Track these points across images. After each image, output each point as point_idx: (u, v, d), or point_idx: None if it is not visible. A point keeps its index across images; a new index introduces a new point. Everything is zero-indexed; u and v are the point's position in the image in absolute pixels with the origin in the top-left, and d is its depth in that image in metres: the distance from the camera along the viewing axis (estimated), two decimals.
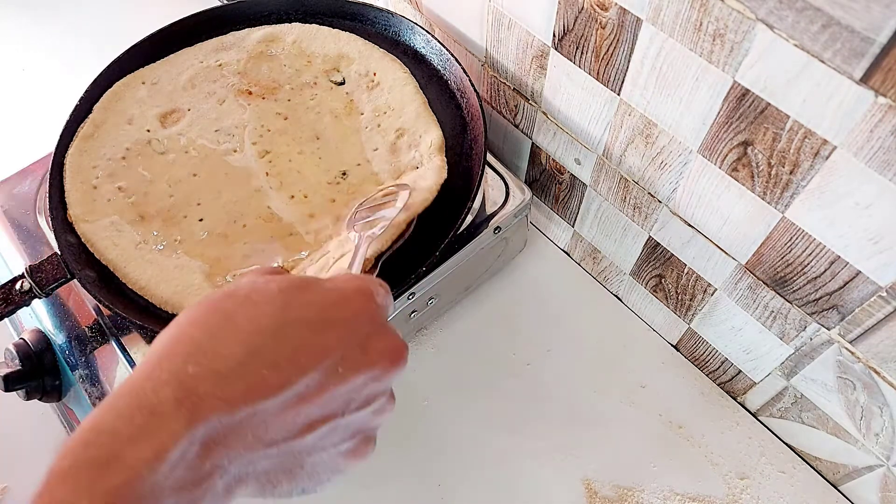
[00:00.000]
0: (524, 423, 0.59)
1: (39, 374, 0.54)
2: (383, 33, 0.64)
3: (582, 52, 0.49)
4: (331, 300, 0.31)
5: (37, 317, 0.57)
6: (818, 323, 0.46)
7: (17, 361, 0.53)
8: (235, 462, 0.28)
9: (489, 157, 0.62)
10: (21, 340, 0.55)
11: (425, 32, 0.61)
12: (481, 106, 0.56)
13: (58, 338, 0.55)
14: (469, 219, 0.58)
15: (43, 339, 0.55)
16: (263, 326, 0.29)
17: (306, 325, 0.30)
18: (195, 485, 0.26)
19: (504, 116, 0.64)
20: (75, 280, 0.50)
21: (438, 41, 0.60)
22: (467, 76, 0.57)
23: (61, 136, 0.56)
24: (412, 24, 0.61)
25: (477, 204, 0.60)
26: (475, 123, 0.56)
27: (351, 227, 0.48)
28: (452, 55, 0.59)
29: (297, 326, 0.30)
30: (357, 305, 0.32)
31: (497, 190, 0.60)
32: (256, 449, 0.28)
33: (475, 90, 0.56)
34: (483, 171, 0.53)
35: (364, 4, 0.64)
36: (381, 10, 0.63)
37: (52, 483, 0.25)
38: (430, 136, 0.56)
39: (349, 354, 0.30)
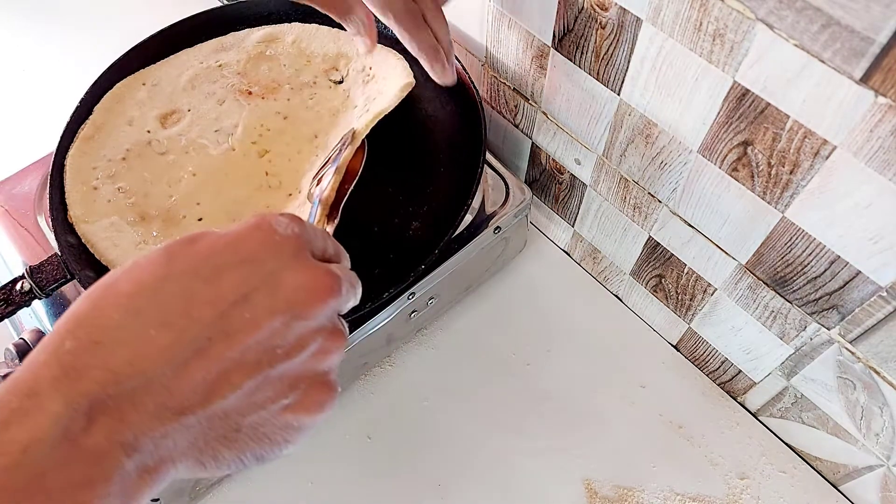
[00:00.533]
0: (524, 423, 0.59)
1: None
2: (383, 31, 0.63)
3: (582, 52, 0.49)
4: (221, 245, 0.28)
5: (37, 317, 0.57)
6: (818, 323, 0.46)
7: (16, 361, 0.53)
8: (145, 438, 0.25)
9: (489, 157, 0.62)
10: (21, 340, 0.55)
11: None
12: (480, 105, 0.56)
13: None
14: (469, 219, 0.58)
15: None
16: (145, 285, 0.26)
17: (195, 275, 0.27)
18: (90, 464, 0.24)
19: (504, 116, 0.64)
20: (75, 280, 0.50)
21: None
22: (466, 74, 0.57)
23: (62, 137, 0.56)
24: None
25: (477, 204, 0.60)
26: (474, 122, 0.56)
27: (313, 191, 0.48)
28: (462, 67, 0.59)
29: (185, 278, 0.27)
30: (253, 243, 0.28)
31: (497, 190, 0.61)
32: (167, 420, 0.25)
33: (474, 89, 0.56)
34: (482, 170, 0.53)
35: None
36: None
37: None
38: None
39: (254, 297, 0.27)
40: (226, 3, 0.67)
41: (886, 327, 0.42)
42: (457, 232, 0.57)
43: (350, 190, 0.48)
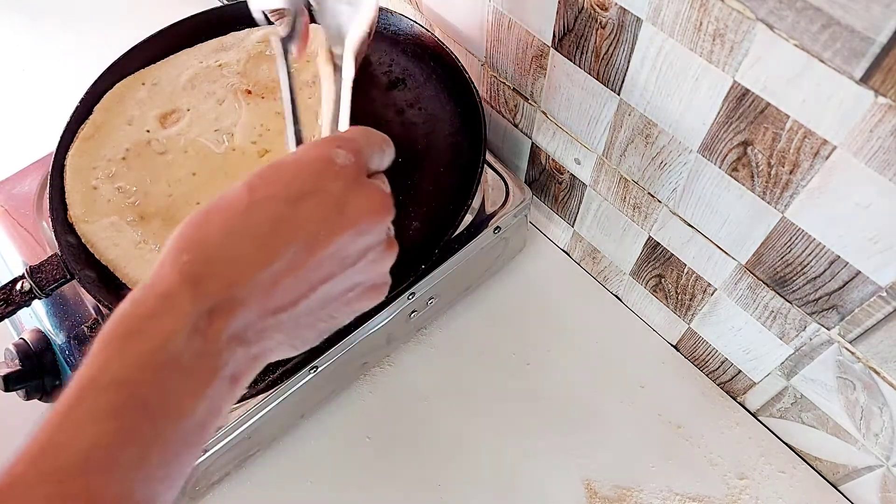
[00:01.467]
0: (524, 423, 0.59)
1: (39, 374, 0.54)
2: (382, 31, 0.63)
3: (582, 52, 0.49)
4: (292, 174, 0.33)
5: (37, 317, 0.57)
6: (818, 323, 0.46)
7: (17, 361, 0.53)
8: (251, 332, 0.31)
9: (489, 157, 0.62)
10: (21, 340, 0.55)
11: (424, 30, 0.61)
12: (480, 105, 0.56)
13: (58, 338, 0.55)
14: (469, 219, 0.58)
15: (43, 339, 0.55)
16: (236, 212, 0.32)
17: (276, 201, 0.32)
18: (215, 354, 0.30)
19: (504, 116, 0.64)
20: (75, 280, 0.50)
21: (437, 39, 0.60)
22: (466, 74, 0.57)
23: (62, 137, 0.56)
24: (411, 22, 0.61)
25: (476, 204, 0.60)
26: (473, 122, 0.56)
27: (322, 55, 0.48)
28: (451, 53, 0.59)
29: (268, 204, 0.32)
30: (318, 172, 0.33)
31: (497, 190, 0.61)
32: (267, 317, 0.31)
33: (474, 89, 0.56)
34: (482, 169, 0.53)
35: None
36: (381, 8, 0.63)
37: (90, 354, 0.29)
38: None
39: (327, 218, 0.32)
40: (226, 2, 0.67)
41: (886, 327, 0.42)
42: (457, 232, 0.57)
43: (368, 41, 0.47)
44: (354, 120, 0.43)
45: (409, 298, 0.56)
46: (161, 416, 0.28)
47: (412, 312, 0.58)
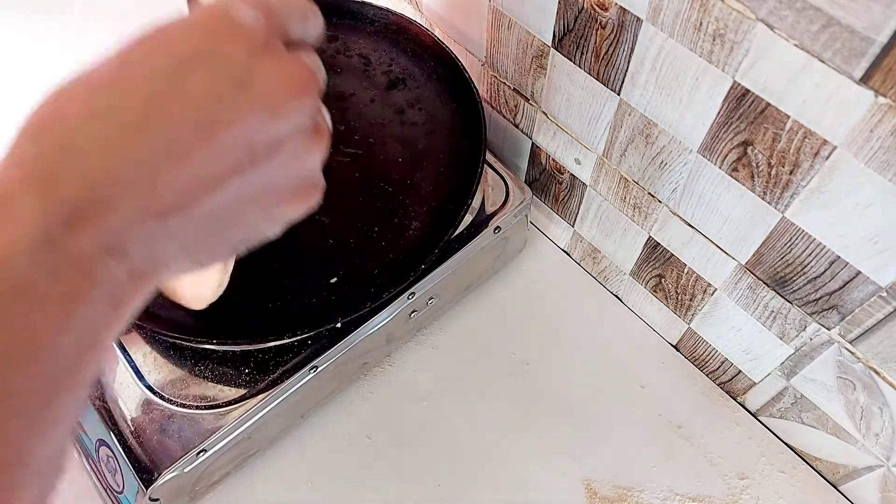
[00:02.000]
0: (524, 423, 0.59)
1: None
2: (382, 31, 0.64)
3: (582, 52, 0.49)
4: (178, 37, 0.25)
5: None
6: (818, 323, 0.46)
7: None
8: (131, 243, 0.24)
9: (489, 157, 0.62)
10: None
11: (424, 30, 0.61)
12: (480, 105, 0.56)
13: None
14: (469, 218, 0.58)
15: None
16: (103, 86, 0.24)
17: (157, 72, 0.24)
18: (75, 269, 0.23)
19: (504, 116, 0.64)
20: None
21: (437, 39, 0.60)
22: (466, 74, 0.57)
23: None
24: (410, 21, 0.61)
25: (477, 203, 0.60)
26: (473, 122, 0.56)
27: None
28: (452, 53, 0.59)
29: (147, 75, 0.24)
30: (214, 35, 0.26)
31: (497, 190, 0.60)
32: (151, 223, 0.24)
33: (474, 89, 0.56)
34: (482, 169, 0.53)
35: (363, 3, 0.63)
36: (379, 8, 0.63)
37: None
38: None
39: (224, 94, 0.25)
40: None
41: (886, 327, 0.42)
42: (457, 232, 0.57)
43: None
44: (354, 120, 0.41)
45: (409, 298, 0.56)
46: (6, 360, 0.22)
47: (412, 312, 0.58)
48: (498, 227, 0.59)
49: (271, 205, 0.28)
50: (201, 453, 0.49)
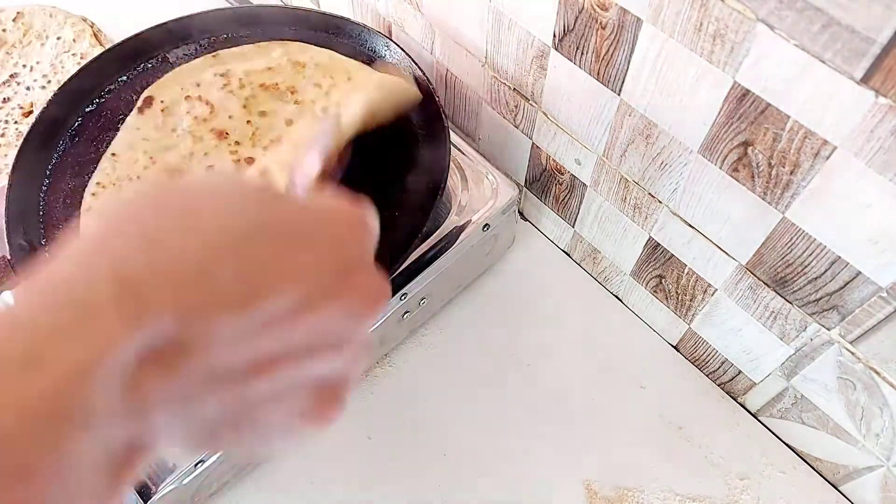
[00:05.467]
0: (524, 423, 0.59)
1: None
2: (356, 45, 0.63)
3: (582, 53, 0.49)
4: (314, 215, 0.26)
5: None
6: (818, 323, 0.46)
7: None
8: (178, 398, 0.22)
9: (474, 154, 0.62)
10: None
11: (383, 37, 0.61)
12: (443, 109, 0.55)
13: None
14: (456, 217, 0.58)
15: None
16: (233, 228, 0.23)
17: (283, 238, 0.24)
18: (130, 419, 0.21)
19: (504, 117, 0.64)
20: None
21: (396, 44, 0.60)
22: (427, 78, 0.57)
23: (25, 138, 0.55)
24: (370, 30, 0.61)
25: (464, 201, 0.59)
26: (434, 117, 0.56)
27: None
28: (414, 61, 0.59)
29: (273, 237, 0.24)
30: (345, 227, 0.26)
31: (485, 187, 0.60)
32: (201, 383, 0.22)
33: (432, 91, 0.56)
34: (447, 171, 0.53)
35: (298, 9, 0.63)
36: (321, 13, 0.63)
37: None
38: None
39: (327, 282, 0.24)
40: (235, 4, 0.66)
41: (887, 328, 0.42)
42: (446, 231, 0.57)
43: (337, 178, 0.46)
44: None
45: (401, 299, 0.56)
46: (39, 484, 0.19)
47: (405, 313, 0.58)
48: (486, 224, 0.59)
49: (298, 414, 0.26)
50: (199, 464, 0.49)
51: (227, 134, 0.57)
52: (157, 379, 0.21)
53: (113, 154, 0.57)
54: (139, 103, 0.58)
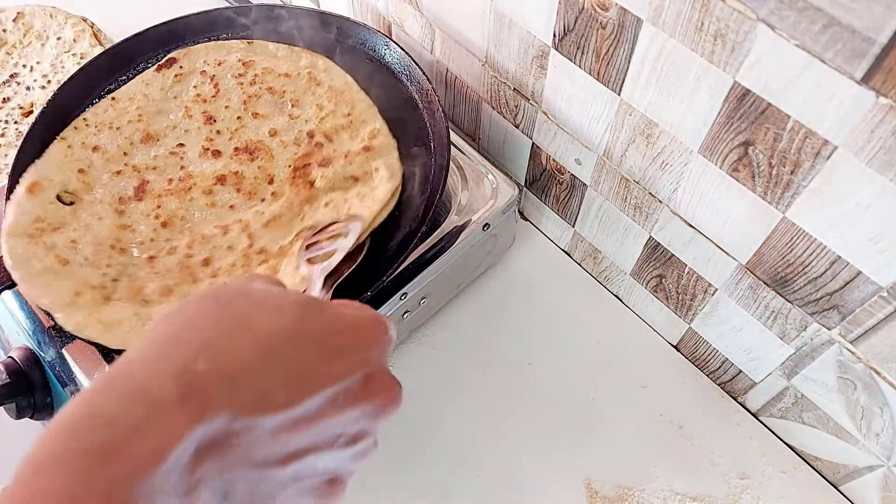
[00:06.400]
0: (524, 423, 0.59)
1: (29, 390, 0.53)
2: (352, 45, 0.63)
3: (582, 53, 0.49)
4: (346, 324, 0.30)
5: (25, 334, 0.56)
6: (819, 323, 0.46)
7: (4, 376, 0.53)
8: (220, 478, 0.26)
9: (474, 154, 0.62)
10: (9, 359, 0.54)
11: (384, 36, 0.61)
12: (443, 109, 0.55)
13: (47, 354, 0.54)
14: (456, 217, 0.58)
15: (31, 357, 0.54)
16: (281, 334, 0.28)
17: (321, 345, 0.28)
18: (183, 495, 0.24)
19: (504, 117, 0.64)
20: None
21: (397, 44, 0.60)
22: (426, 78, 0.57)
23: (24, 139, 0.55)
24: (372, 30, 0.61)
25: (464, 201, 0.59)
26: (435, 119, 0.56)
27: (302, 259, 0.48)
28: (414, 60, 0.59)
29: (313, 344, 0.28)
30: (371, 336, 0.31)
31: (485, 187, 0.60)
32: (241, 468, 0.26)
33: (433, 88, 0.56)
34: (447, 171, 0.53)
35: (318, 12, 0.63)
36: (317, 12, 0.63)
37: (39, 469, 0.22)
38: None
39: (353, 385, 0.29)
40: (234, 3, 0.66)
41: (887, 327, 0.42)
42: (446, 230, 0.57)
43: (347, 274, 0.47)
44: None
45: (401, 299, 0.56)
46: None
47: (405, 313, 0.58)
48: (487, 223, 0.59)
49: (310, 492, 0.30)
50: None
51: (213, 121, 0.58)
52: (208, 464, 0.25)
53: (113, 98, 0.58)
54: (162, 61, 0.59)
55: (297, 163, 0.56)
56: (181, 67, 0.59)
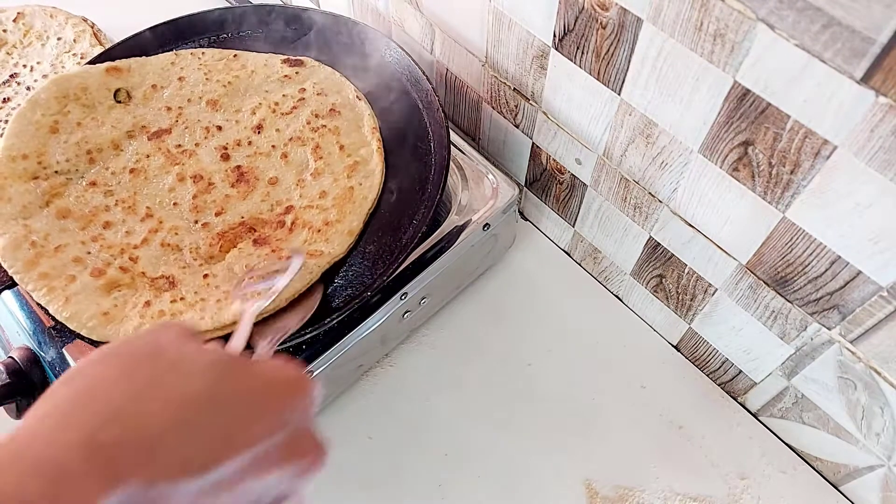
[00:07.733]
0: (524, 423, 0.59)
1: (30, 390, 0.54)
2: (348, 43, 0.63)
3: (582, 52, 0.49)
4: (264, 386, 0.29)
5: (25, 334, 0.56)
6: (819, 323, 0.46)
7: (4, 376, 0.53)
8: None
9: (474, 153, 0.63)
10: (10, 359, 0.54)
11: (384, 36, 0.61)
12: (443, 109, 0.55)
13: (47, 354, 0.54)
14: (457, 217, 0.58)
15: (31, 356, 0.55)
16: (195, 399, 0.27)
17: (238, 408, 0.28)
18: None
19: (504, 117, 0.64)
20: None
21: (397, 44, 0.60)
22: (426, 78, 0.57)
23: None
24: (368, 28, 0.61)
25: (465, 201, 0.59)
26: (435, 119, 0.56)
27: (237, 295, 0.45)
28: (414, 60, 0.59)
29: (230, 407, 0.28)
30: (293, 396, 0.30)
31: (485, 187, 0.60)
32: None
33: (433, 88, 0.56)
34: (447, 171, 0.53)
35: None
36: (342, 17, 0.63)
37: None
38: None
39: (274, 448, 0.28)
40: (234, 3, 0.66)
41: (887, 327, 0.42)
42: (446, 230, 0.57)
43: (295, 331, 0.45)
44: None
45: (401, 299, 0.56)
46: None
47: (405, 313, 0.58)
48: (487, 224, 0.59)
49: None
50: None
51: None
52: None
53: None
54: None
55: (250, 221, 0.52)
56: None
